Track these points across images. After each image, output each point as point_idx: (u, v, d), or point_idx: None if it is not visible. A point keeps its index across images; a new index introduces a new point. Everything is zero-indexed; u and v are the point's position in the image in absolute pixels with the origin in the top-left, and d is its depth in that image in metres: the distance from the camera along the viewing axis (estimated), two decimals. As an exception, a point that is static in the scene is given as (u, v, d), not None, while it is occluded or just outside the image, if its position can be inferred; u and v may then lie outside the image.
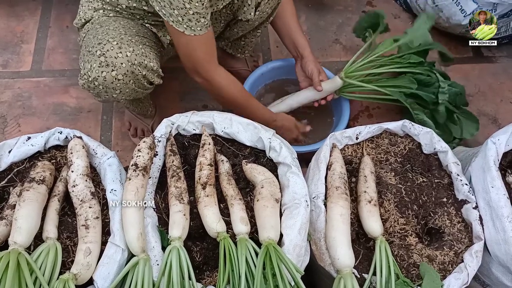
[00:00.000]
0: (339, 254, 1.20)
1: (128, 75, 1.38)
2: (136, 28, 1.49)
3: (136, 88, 1.44)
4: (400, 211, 1.35)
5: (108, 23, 1.47)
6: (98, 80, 1.36)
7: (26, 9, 2.34)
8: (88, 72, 1.37)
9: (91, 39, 1.42)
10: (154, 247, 1.18)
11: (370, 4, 2.47)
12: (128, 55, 1.36)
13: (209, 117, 1.40)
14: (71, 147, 1.28)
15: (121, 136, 1.99)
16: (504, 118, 2.12)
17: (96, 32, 1.44)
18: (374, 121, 2.05)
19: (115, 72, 1.36)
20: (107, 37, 1.39)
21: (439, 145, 1.42)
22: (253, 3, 1.52)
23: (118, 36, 1.39)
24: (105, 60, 1.35)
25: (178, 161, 1.32)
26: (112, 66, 1.35)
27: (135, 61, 1.38)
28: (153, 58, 1.45)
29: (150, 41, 1.51)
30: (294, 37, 1.77)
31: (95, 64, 1.36)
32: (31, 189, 1.19)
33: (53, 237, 1.17)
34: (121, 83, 1.38)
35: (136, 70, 1.38)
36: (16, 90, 2.08)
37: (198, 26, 1.32)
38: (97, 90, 1.40)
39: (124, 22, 1.49)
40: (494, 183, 1.30)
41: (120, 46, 1.36)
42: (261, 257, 1.11)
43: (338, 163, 1.36)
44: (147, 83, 1.46)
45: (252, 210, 1.26)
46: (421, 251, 1.29)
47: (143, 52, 1.41)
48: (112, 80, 1.37)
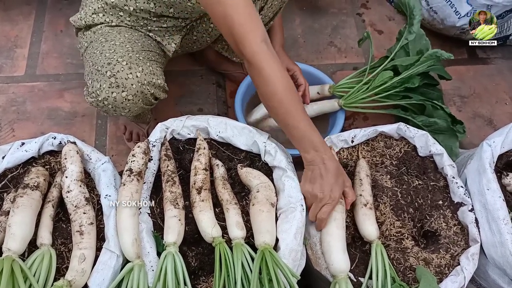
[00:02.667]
0: (334, 259, 1.19)
1: (137, 95, 1.37)
2: (141, 41, 1.48)
3: (143, 105, 1.43)
4: (396, 214, 1.35)
5: (112, 36, 1.46)
6: (108, 100, 1.36)
7: (20, 14, 2.33)
8: (97, 91, 1.37)
9: (98, 56, 1.41)
10: (149, 252, 1.17)
11: (364, 7, 2.47)
12: (138, 75, 1.36)
13: (204, 121, 1.40)
14: (65, 153, 1.28)
15: (116, 140, 1.98)
16: (499, 120, 2.12)
17: (102, 48, 1.43)
18: (370, 123, 2.05)
19: (125, 93, 1.35)
20: (116, 56, 1.38)
21: (435, 148, 1.42)
22: (258, 7, 1.52)
23: (127, 55, 1.38)
24: (115, 81, 1.34)
25: (173, 165, 1.31)
26: (122, 87, 1.34)
27: (145, 81, 1.37)
28: (159, 75, 1.44)
29: (155, 54, 1.51)
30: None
31: (105, 84, 1.35)
32: (25, 195, 1.18)
33: (48, 243, 1.17)
34: (131, 103, 1.38)
35: (145, 90, 1.38)
36: (10, 95, 2.07)
37: None
38: (106, 109, 1.40)
39: (128, 35, 1.48)
40: (489, 186, 1.30)
41: (130, 67, 1.35)
42: (257, 262, 1.11)
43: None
44: (153, 99, 1.46)
45: (247, 215, 1.26)
46: (417, 254, 1.29)
47: (151, 70, 1.40)
48: (122, 101, 1.36)
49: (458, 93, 2.19)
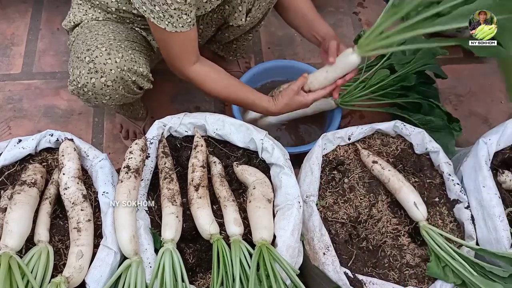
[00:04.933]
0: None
1: (117, 81, 1.37)
2: (126, 33, 1.48)
3: (125, 93, 1.43)
4: (393, 211, 1.36)
5: (97, 27, 1.46)
6: (87, 86, 1.35)
7: (17, 11, 2.32)
8: (77, 78, 1.36)
9: (80, 45, 1.41)
10: (146, 249, 1.17)
11: (361, 5, 2.48)
12: (117, 61, 1.35)
13: (202, 118, 1.40)
14: (62, 150, 1.28)
15: (112, 138, 1.98)
16: (495, 118, 2.13)
17: (85, 38, 1.43)
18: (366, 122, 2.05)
19: (104, 79, 1.35)
20: (96, 43, 1.38)
21: (431, 145, 1.42)
22: (244, 9, 1.51)
23: (107, 42, 1.38)
24: (94, 66, 1.33)
25: (170, 163, 1.31)
26: (101, 73, 1.34)
27: (125, 67, 1.36)
28: (142, 63, 1.44)
29: (140, 46, 1.50)
30: (312, 27, 1.66)
31: (84, 70, 1.34)
32: (22, 192, 1.18)
33: (45, 240, 1.17)
34: (111, 89, 1.37)
35: (126, 76, 1.37)
36: (7, 92, 2.07)
37: (179, 22, 1.29)
38: (87, 96, 1.39)
39: (113, 27, 1.48)
40: (485, 183, 1.31)
41: (109, 52, 1.35)
42: (255, 258, 1.11)
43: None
44: (136, 88, 1.45)
45: (245, 211, 1.26)
46: (413, 251, 1.29)
47: (132, 58, 1.40)
48: (101, 87, 1.36)
49: (454, 91, 2.20)
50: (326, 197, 1.37)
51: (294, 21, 1.70)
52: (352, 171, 1.42)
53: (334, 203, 1.36)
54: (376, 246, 1.31)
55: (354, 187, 1.39)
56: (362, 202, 1.36)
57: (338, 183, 1.40)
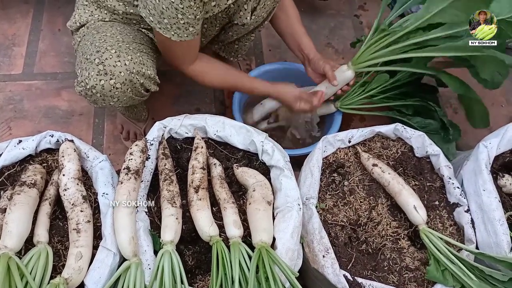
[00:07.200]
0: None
1: (126, 84, 1.37)
2: (133, 34, 1.49)
3: (133, 96, 1.43)
4: (393, 214, 1.35)
5: (104, 28, 1.47)
6: (96, 88, 1.36)
7: (18, 12, 2.33)
8: (86, 79, 1.37)
9: (88, 46, 1.42)
10: (146, 251, 1.17)
11: (362, 8, 2.48)
12: (127, 63, 1.36)
13: (202, 120, 1.40)
14: (62, 151, 1.28)
15: (113, 139, 1.98)
16: (495, 122, 2.11)
17: (93, 39, 1.43)
18: (367, 124, 2.05)
19: (113, 81, 1.35)
20: (105, 44, 1.38)
21: (431, 149, 1.42)
22: (249, 8, 1.52)
23: (116, 44, 1.39)
24: (103, 68, 1.34)
25: (170, 164, 1.31)
26: (110, 75, 1.35)
27: (134, 70, 1.37)
28: (150, 66, 1.45)
29: (147, 48, 1.51)
30: (299, 39, 1.76)
31: (93, 72, 1.35)
32: (22, 192, 1.18)
33: (44, 241, 1.17)
34: (119, 92, 1.38)
35: (134, 78, 1.38)
36: (7, 93, 2.07)
37: (185, 33, 1.33)
38: (94, 98, 1.40)
39: (120, 28, 1.48)
40: (485, 186, 1.31)
41: (118, 55, 1.36)
42: (254, 261, 1.11)
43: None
44: (144, 91, 1.46)
45: (245, 214, 1.26)
46: (413, 254, 1.29)
47: (140, 60, 1.41)
48: (110, 89, 1.36)
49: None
50: (326, 200, 1.37)
51: (282, 28, 1.80)
52: (352, 174, 1.42)
53: (334, 206, 1.36)
54: (375, 249, 1.31)
55: (354, 190, 1.39)
56: (362, 205, 1.36)
57: (338, 185, 1.40)
